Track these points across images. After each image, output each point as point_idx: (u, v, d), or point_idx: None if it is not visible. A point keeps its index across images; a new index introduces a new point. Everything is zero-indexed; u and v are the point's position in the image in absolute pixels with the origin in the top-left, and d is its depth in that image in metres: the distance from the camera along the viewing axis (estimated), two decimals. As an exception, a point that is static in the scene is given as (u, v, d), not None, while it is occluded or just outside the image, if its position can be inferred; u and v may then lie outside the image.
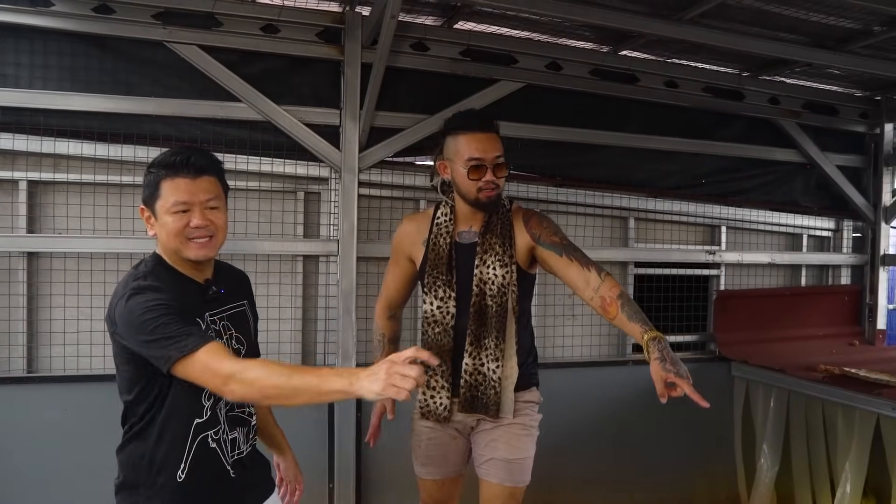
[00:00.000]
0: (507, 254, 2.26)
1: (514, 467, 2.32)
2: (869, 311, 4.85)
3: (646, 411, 4.10)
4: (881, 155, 4.84)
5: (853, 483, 3.54)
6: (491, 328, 2.26)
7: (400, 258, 2.48)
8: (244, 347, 1.85)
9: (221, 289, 1.83)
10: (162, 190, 1.67)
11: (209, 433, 1.73)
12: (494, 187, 2.22)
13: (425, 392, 2.33)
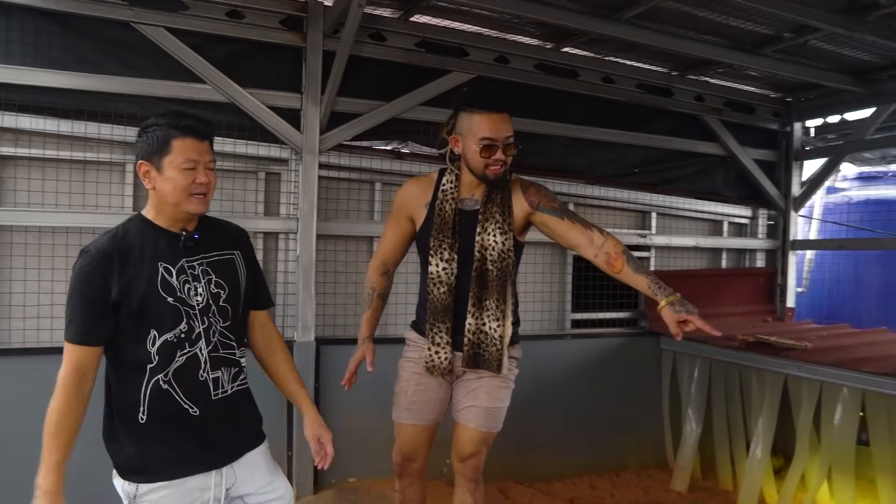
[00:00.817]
0: (507, 222, 2.47)
1: (491, 414, 2.56)
2: (780, 291, 5.35)
3: (582, 382, 4.46)
4: (791, 150, 5.35)
5: (764, 440, 3.96)
6: (492, 290, 2.46)
7: (401, 217, 2.60)
8: (224, 292, 1.97)
9: (195, 234, 1.95)
10: (173, 147, 1.82)
11: (159, 376, 1.84)
12: (502, 165, 2.42)
13: (431, 348, 2.50)
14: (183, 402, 1.87)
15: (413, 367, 2.61)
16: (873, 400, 3.45)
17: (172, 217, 1.91)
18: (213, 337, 1.93)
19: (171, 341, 1.85)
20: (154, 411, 1.84)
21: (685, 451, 4.37)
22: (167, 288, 1.85)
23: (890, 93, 4.70)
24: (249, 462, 2.03)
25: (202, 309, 1.91)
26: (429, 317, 2.49)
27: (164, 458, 1.86)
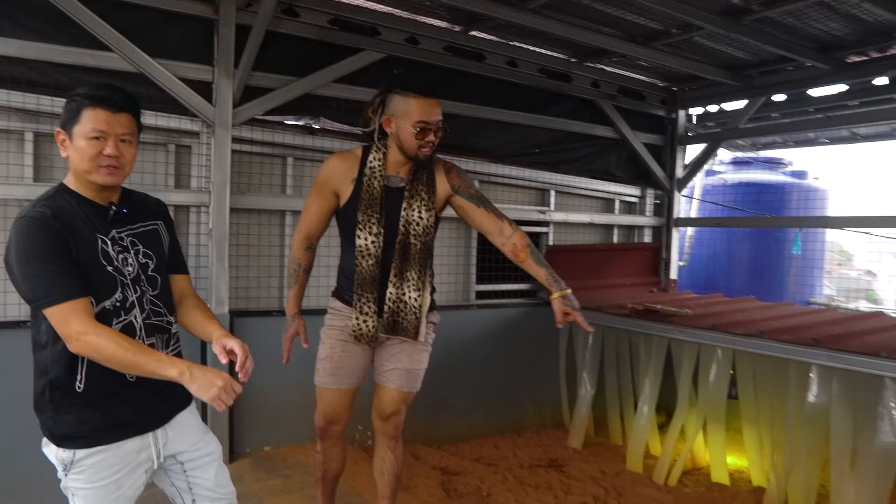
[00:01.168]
0: (431, 200, 2.62)
1: (411, 375, 2.73)
2: (665, 265, 5.83)
3: (486, 350, 4.72)
4: (676, 136, 5.81)
5: (650, 399, 4.37)
6: (414, 263, 2.61)
7: (326, 191, 2.65)
8: (152, 262, 2.02)
9: (123, 208, 1.98)
10: (82, 116, 1.83)
11: None
12: (433, 146, 2.56)
13: (358, 318, 2.61)
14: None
15: (338, 334, 2.71)
16: (741, 358, 3.89)
17: (92, 189, 1.92)
18: (146, 305, 1.97)
19: (109, 309, 1.88)
20: (91, 379, 1.87)
21: (580, 410, 4.73)
22: (106, 257, 1.88)
23: (760, 87, 5.21)
24: (180, 422, 2.10)
25: (134, 279, 1.95)
26: (356, 287, 2.61)
27: (101, 424, 1.89)
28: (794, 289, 6.50)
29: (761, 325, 3.95)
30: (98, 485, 1.90)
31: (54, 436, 1.89)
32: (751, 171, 7.05)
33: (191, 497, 2.17)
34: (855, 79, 4.85)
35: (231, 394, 1.78)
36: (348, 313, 2.66)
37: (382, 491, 2.82)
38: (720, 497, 3.92)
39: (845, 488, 3.34)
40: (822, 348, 3.46)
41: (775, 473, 3.78)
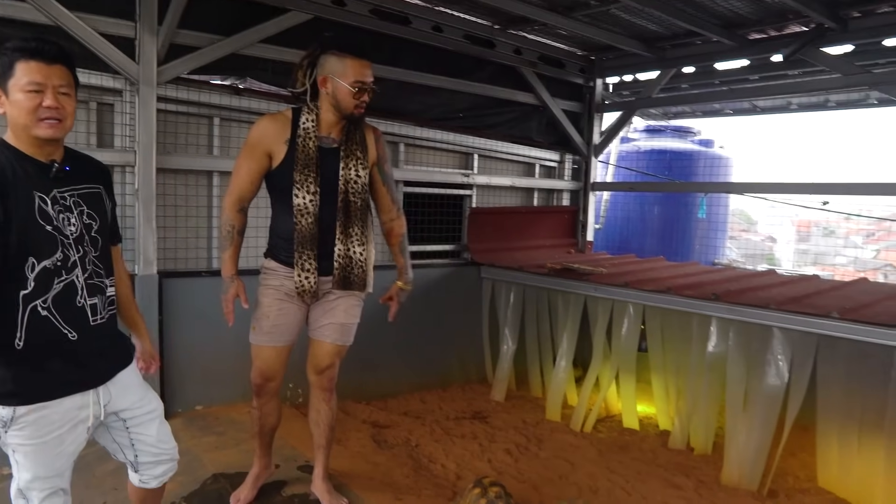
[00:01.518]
0: (365, 159, 2.71)
1: (345, 329, 2.84)
2: (582, 227, 6.13)
3: (413, 309, 4.81)
4: (593, 103, 6.06)
5: (567, 353, 4.65)
6: (356, 220, 2.70)
7: (257, 153, 2.68)
8: (96, 223, 2.03)
9: (66, 167, 1.96)
10: (16, 70, 1.81)
11: (37, 302, 1.88)
12: (366, 105, 2.65)
13: (300, 274, 2.67)
14: (62, 328, 1.92)
15: (273, 293, 2.76)
16: (651, 313, 4.20)
17: (33, 144, 1.90)
18: (88, 266, 1.99)
19: (49, 269, 1.88)
20: (32, 336, 1.88)
21: (503, 365, 4.98)
22: (44, 216, 1.87)
23: (672, 59, 5.50)
24: (122, 380, 2.13)
25: (76, 238, 1.95)
26: (297, 246, 2.66)
27: (42, 381, 1.92)
28: (700, 250, 6.96)
29: (668, 282, 4.27)
30: (39, 441, 1.93)
31: None
32: (662, 139, 7.42)
33: (133, 452, 2.23)
34: (755, 55, 5.20)
35: None
36: (284, 272, 2.73)
37: (318, 441, 2.94)
38: (631, 440, 4.25)
39: (738, 428, 3.71)
40: (721, 302, 3.79)
41: (679, 418, 4.13)
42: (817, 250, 10.62)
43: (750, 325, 3.69)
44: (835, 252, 11.31)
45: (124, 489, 2.99)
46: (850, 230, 13.94)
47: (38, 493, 1.98)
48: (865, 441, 3.40)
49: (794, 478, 3.72)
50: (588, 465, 3.80)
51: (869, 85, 4.96)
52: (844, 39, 4.75)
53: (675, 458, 3.95)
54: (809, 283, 4.53)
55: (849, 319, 3.35)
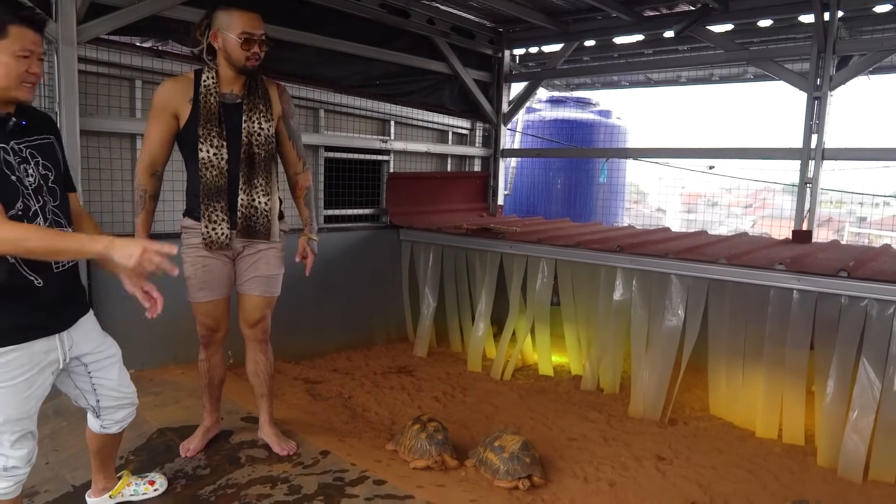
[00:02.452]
0: (269, 112, 2.79)
1: (271, 281, 2.95)
2: (492, 192, 6.43)
3: (336, 271, 4.99)
4: (502, 73, 6.34)
5: (486, 309, 4.94)
6: (260, 171, 2.78)
7: (164, 115, 2.71)
8: (52, 174, 2.08)
9: (23, 121, 2.00)
10: (10, 33, 1.85)
11: None
12: (258, 58, 2.71)
13: (207, 226, 2.74)
14: (28, 275, 1.98)
15: (195, 251, 2.83)
16: (562, 267, 4.54)
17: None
18: (49, 215, 2.03)
19: (12, 218, 1.92)
20: (2, 282, 1.92)
21: (424, 323, 5.21)
22: (8, 166, 1.91)
23: (574, 33, 5.86)
24: (83, 326, 2.21)
25: (35, 189, 1.99)
26: (203, 198, 2.73)
27: (12, 325, 1.97)
28: (601, 215, 7.46)
29: (577, 238, 4.63)
30: (10, 383, 1.99)
31: None
32: (564, 109, 7.84)
33: (95, 397, 2.31)
34: (649, 30, 5.64)
35: (155, 255, 1.89)
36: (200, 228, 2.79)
37: (260, 390, 3.07)
38: (547, 385, 4.61)
39: (642, 366, 4.13)
40: (625, 254, 4.18)
41: (590, 362, 4.53)
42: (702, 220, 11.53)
43: (651, 274, 4.10)
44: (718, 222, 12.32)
45: (65, 450, 3.05)
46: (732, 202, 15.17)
47: (9, 435, 2.04)
48: (748, 371, 3.89)
49: (689, 409, 4.19)
50: (510, 408, 4.12)
51: (746, 60, 5.50)
52: (726, 19, 5.26)
53: (587, 398, 4.34)
54: (699, 237, 5.03)
55: (734, 264, 3.81)
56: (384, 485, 2.73)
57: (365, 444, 3.32)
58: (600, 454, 3.45)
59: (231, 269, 2.92)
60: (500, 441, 3.09)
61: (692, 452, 3.53)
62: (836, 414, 3.46)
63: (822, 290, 3.51)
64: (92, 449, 2.50)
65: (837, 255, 4.11)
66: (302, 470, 2.85)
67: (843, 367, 3.46)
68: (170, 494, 2.67)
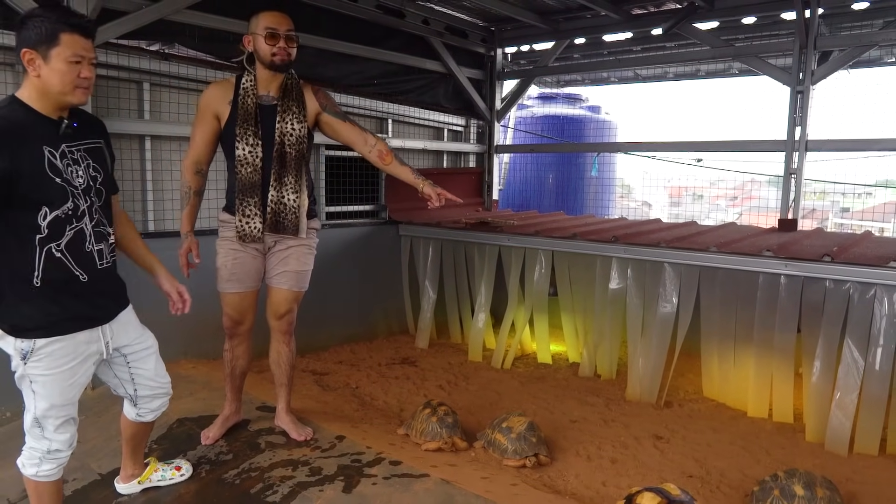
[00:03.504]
0: (302, 114, 2.92)
1: (300, 276, 3.08)
2: (487, 187, 6.58)
3: (338, 267, 5.12)
4: (494, 71, 6.49)
5: (485, 301, 5.09)
6: (291, 169, 2.91)
7: (207, 116, 2.90)
8: (100, 176, 2.21)
9: (74, 123, 2.13)
10: (61, 40, 1.97)
11: (52, 245, 2.06)
12: (286, 54, 2.83)
13: (241, 219, 2.89)
14: (74, 269, 2.11)
15: (229, 244, 2.99)
16: (559, 258, 4.70)
17: (53, 105, 2.06)
18: (95, 215, 2.17)
19: (61, 217, 2.05)
20: (48, 276, 2.05)
21: (425, 315, 5.36)
22: (54, 169, 2.03)
23: (565, 31, 6.02)
24: (123, 320, 2.34)
25: (84, 189, 2.12)
26: (238, 194, 2.89)
27: (59, 316, 2.10)
28: (592, 208, 7.62)
29: (573, 230, 4.79)
30: (55, 371, 2.13)
31: (14, 326, 2.07)
32: (554, 105, 8.01)
33: (133, 387, 2.44)
34: (638, 28, 5.81)
35: None
36: (234, 223, 2.94)
37: (280, 379, 3.21)
38: (546, 372, 4.78)
39: (638, 352, 4.30)
40: (620, 244, 4.35)
41: (587, 349, 4.69)
42: (688, 213, 11.76)
43: (644, 263, 4.27)
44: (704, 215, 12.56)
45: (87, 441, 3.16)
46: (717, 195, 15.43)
47: (53, 420, 2.17)
48: (739, 354, 4.07)
49: (684, 392, 4.37)
50: (512, 394, 4.28)
51: (732, 56, 5.68)
52: (712, 16, 5.44)
53: (585, 384, 4.51)
54: (689, 227, 5.21)
55: (724, 252, 3.98)
56: (400, 465, 2.87)
57: (377, 429, 3.46)
58: (601, 434, 3.62)
59: (261, 264, 3.05)
60: (507, 423, 3.25)
61: (688, 432, 3.70)
62: (822, 392, 3.64)
63: (807, 275, 3.69)
64: (125, 436, 2.62)
65: (822, 241, 4.30)
66: (320, 453, 2.99)
67: (828, 348, 3.65)
68: (195, 479, 2.80)
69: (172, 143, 4.24)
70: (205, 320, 4.20)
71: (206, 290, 3.05)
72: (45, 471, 2.23)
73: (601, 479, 3.10)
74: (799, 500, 2.69)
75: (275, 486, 2.70)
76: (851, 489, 3.06)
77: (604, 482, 3.08)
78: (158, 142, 4.16)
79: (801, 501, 2.69)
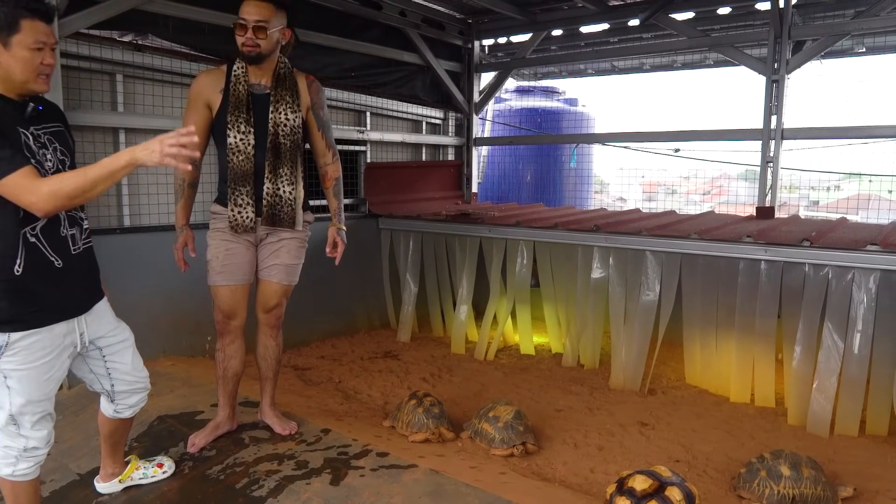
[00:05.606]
0: (296, 103, 2.87)
1: (291, 269, 3.03)
2: (466, 180, 6.56)
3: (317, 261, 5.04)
4: (472, 64, 6.47)
5: (467, 293, 5.07)
6: (285, 160, 2.85)
7: (199, 105, 2.83)
8: (67, 160, 2.15)
9: (39, 106, 2.08)
10: (22, 27, 1.91)
11: (26, 229, 2.00)
12: (253, 44, 2.75)
13: (234, 209, 2.81)
14: (49, 255, 2.05)
15: (221, 235, 2.91)
16: (541, 249, 4.70)
17: (16, 91, 2.00)
18: None
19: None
20: (28, 261, 2.00)
21: (406, 309, 5.33)
22: (29, 150, 1.98)
23: (542, 22, 6.02)
24: (98, 311, 2.28)
25: (54, 173, 2.06)
26: (230, 183, 2.82)
27: (35, 308, 2.04)
28: (570, 200, 7.63)
29: (553, 220, 4.79)
30: (32, 365, 2.06)
31: None
32: (531, 98, 8.01)
33: (109, 382, 2.38)
34: (614, 19, 5.82)
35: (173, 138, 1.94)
36: (226, 212, 2.89)
37: (266, 373, 3.15)
38: (529, 363, 4.78)
39: (621, 340, 4.31)
40: (601, 233, 4.36)
41: (570, 339, 4.70)
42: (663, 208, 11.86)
43: (626, 251, 4.28)
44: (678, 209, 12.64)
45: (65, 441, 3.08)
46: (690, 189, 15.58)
47: (30, 416, 2.10)
48: (721, 341, 4.10)
49: (667, 379, 4.39)
50: (496, 385, 4.27)
51: (708, 46, 5.73)
52: (687, 7, 5.48)
53: (569, 374, 4.52)
54: (669, 216, 5.24)
55: (705, 239, 4.01)
56: (387, 456, 2.84)
57: (362, 422, 3.43)
58: (587, 423, 3.62)
59: (253, 256, 2.99)
60: (493, 412, 3.23)
61: (672, 418, 3.72)
62: (803, 376, 3.69)
63: (787, 260, 3.73)
64: (103, 434, 2.56)
65: (799, 227, 4.34)
66: (306, 447, 2.94)
67: (808, 332, 3.69)
68: (179, 476, 2.74)
69: (148, 135, 4.09)
70: (184, 316, 4.15)
71: (186, 286, 2.99)
72: (22, 470, 2.16)
73: (589, 466, 3.10)
74: (786, 480, 2.71)
75: (261, 481, 2.65)
76: (834, 469, 3.09)
77: (591, 469, 3.08)
78: (133, 135, 4.07)
79: (788, 481, 2.71)
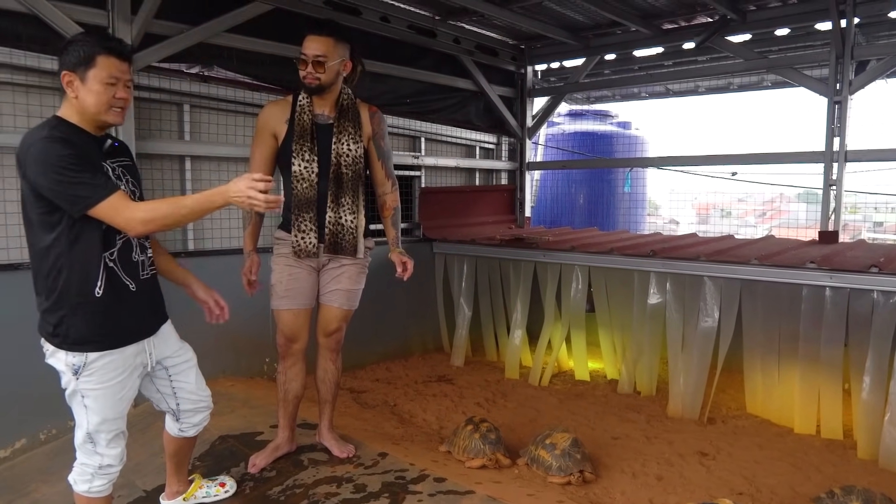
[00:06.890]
0: (358, 134, 2.96)
1: (351, 295, 3.09)
2: (520, 204, 6.58)
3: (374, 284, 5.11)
4: (525, 89, 6.51)
5: (521, 318, 5.05)
6: (347, 189, 2.94)
7: (265, 135, 2.95)
8: (137, 191, 2.27)
9: (115, 142, 2.21)
10: (97, 63, 2.03)
11: (106, 254, 2.11)
12: (313, 78, 2.86)
13: (297, 235, 2.91)
14: (124, 278, 2.16)
15: (284, 260, 3.01)
16: (596, 274, 4.66)
17: (92, 124, 2.12)
18: None
19: (112, 228, 2.09)
20: (108, 284, 2.10)
21: (460, 332, 5.34)
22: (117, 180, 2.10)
23: (595, 47, 6.03)
24: (164, 333, 2.37)
25: None
26: (294, 209, 2.91)
27: (110, 329, 2.13)
28: (623, 224, 7.58)
29: (608, 245, 4.75)
30: (107, 385, 2.15)
31: (66, 340, 2.09)
32: (584, 122, 8.00)
33: (175, 401, 2.46)
34: (669, 43, 5.80)
35: (257, 183, 2.03)
36: (290, 238, 2.97)
37: (325, 396, 3.20)
38: (584, 389, 4.72)
39: (679, 367, 4.22)
40: (658, 258, 4.30)
41: (626, 365, 4.63)
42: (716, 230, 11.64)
43: (683, 277, 4.21)
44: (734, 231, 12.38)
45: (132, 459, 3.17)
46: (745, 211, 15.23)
47: (105, 434, 2.19)
48: (784, 369, 3.98)
49: (726, 408, 4.28)
50: (552, 411, 4.23)
51: (766, 69, 5.64)
52: (744, 29, 5.41)
53: (625, 401, 4.44)
54: (727, 241, 5.15)
55: (766, 264, 3.92)
56: (444, 482, 2.84)
57: (418, 446, 3.44)
58: (645, 451, 3.56)
59: (315, 281, 3.06)
60: (550, 439, 3.20)
61: (733, 448, 3.62)
62: (873, 408, 3.55)
63: (854, 287, 3.61)
64: (168, 452, 2.64)
65: (866, 252, 4.21)
66: (364, 470, 2.97)
67: (878, 362, 3.55)
68: (240, 496, 2.80)
69: (212, 162, 4.31)
70: (243, 338, 4.26)
71: (247, 308, 3.06)
72: (97, 486, 2.25)
73: (648, 497, 3.04)
74: (858, 517, 2.61)
75: (320, 503, 2.69)
76: (910, 507, 2.96)
77: (651, 499, 3.02)
78: (198, 162, 4.23)
79: (860, 519, 2.60)
